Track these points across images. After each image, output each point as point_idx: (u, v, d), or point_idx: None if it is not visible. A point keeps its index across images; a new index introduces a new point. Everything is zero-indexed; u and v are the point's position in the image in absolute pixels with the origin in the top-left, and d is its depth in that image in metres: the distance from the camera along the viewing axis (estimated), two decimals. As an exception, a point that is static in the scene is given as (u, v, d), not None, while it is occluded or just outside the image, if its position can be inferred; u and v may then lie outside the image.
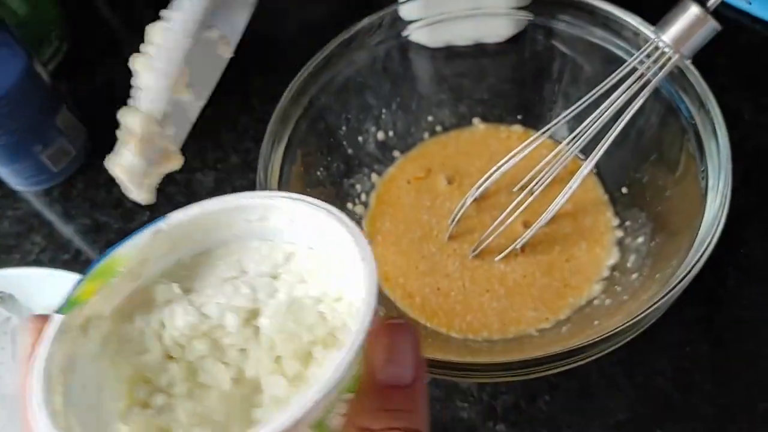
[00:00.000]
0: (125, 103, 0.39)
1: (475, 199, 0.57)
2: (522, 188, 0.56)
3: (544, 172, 0.55)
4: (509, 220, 0.53)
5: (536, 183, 0.55)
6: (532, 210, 0.54)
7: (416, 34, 0.59)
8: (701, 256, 0.41)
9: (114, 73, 0.75)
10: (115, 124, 0.39)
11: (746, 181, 0.53)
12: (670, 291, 0.40)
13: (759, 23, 0.68)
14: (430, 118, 0.62)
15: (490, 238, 0.54)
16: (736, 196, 0.44)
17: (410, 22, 0.58)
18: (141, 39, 0.39)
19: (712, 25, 0.45)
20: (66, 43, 0.77)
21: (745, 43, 0.67)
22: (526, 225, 0.55)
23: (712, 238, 0.42)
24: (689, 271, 0.41)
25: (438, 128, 0.62)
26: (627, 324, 0.40)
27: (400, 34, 0.58)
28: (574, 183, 0.51)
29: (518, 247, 0.54)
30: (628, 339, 0.41)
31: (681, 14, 0.45)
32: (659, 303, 0.40)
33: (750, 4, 0.66)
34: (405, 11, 0.57)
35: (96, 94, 0.75)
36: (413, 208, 0.58)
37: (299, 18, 0.78)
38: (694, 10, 0.45)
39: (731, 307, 0.53)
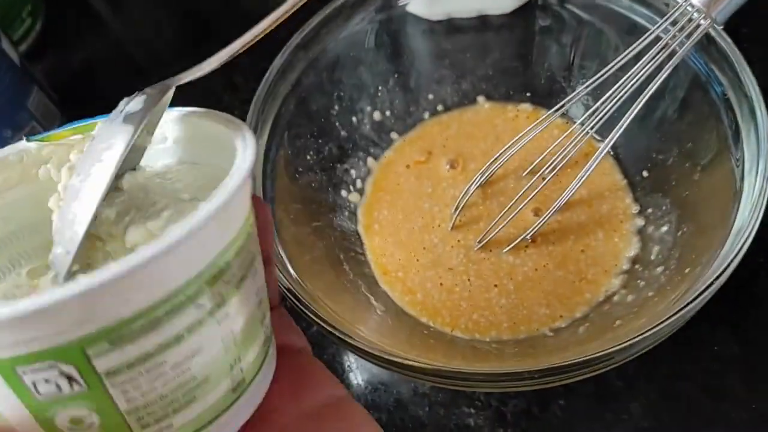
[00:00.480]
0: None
1: (481, 185, 0.52)
2: (532, 172, 0.52)
3: (556, 155, 0.50)
4: (519, 208, 0.48)
5: (548, 167, 0.51)
6: (543, 196, 0.49)
7: (414, 5, 0.54)
8: (740, 249, 0.36)
9: (92, 52, 0.72)
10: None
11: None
12: (705, 289, 0.36)
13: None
14: (430, 97, 0.57)
15: (498, 228, 0.49)
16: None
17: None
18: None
19: (749, -14, 0.40)
20: (40, 21, 0.72)
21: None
22: (537, 213, 0.51)
23: (751, 229, 0.37)
24: (726, 267, 0.36)
25: (439, 107, 0.57)
26: (655, 328, 0.35)
27: (396, 3, 0.54)
28: (591, 166, 0.46)
29: (528, 237, 0.49)
30: (656, 344, 0.37)
31: (712, -27, 0.41)
32: (692, 304, 0.35)
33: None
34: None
35: (72, 75, 0.70)
36: (413, 195, 0.53)
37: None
38: (728, -33, 0.40)
39: (763, 303, 0.48)
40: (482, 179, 0.51)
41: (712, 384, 0.46)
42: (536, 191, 0.48)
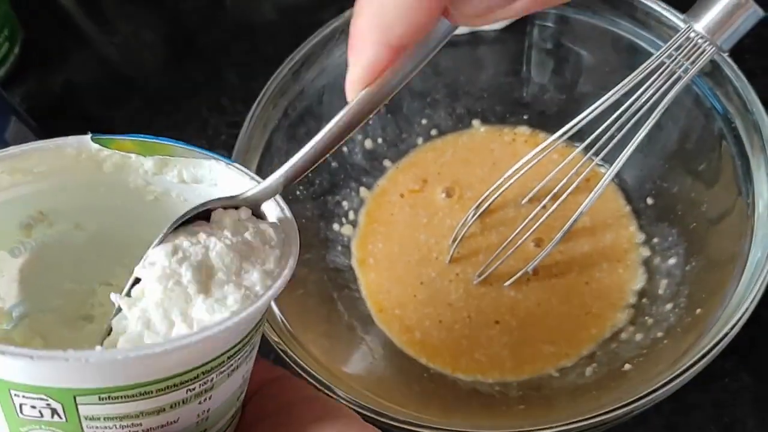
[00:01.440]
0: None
1: (479, 215, 0.50)
2: (532, 200, 0.50)
3: (558, 183, 0.48)
4: (520, 241, 0.46)
5: (550, 196, 0.48)
6: (545, 225, 0.47)
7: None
8: (757, 292, 0.35)
9: (74, 72, 0.69)
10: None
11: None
12: (722, 339, 0.34)
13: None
14: (423, 121, 0.55)
15: (499, 261, 0.47)
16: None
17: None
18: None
19: (755, 12, 0.38)
20: (18, 45, 0.69)
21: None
22: (539, 244, 0.49)
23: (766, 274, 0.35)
24: (744, 313, 0.34)
25: (433, 132, 0.55)
26: (670, 381, 0.33)
27: (387, 26, 0.52)
28: (595, 194, 0.45)
29: (530, 270, 0.47)
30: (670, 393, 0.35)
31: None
32: (708, 355, 0.33)
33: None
34: None
35: (53, 97, 0.68)
36: (408, 227, 0.51)
37: (276, 2, 0.71)
38: (733, -6, 0.38)
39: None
40: (481, 210, 0.49)
41: (722, 415, 0.45)
42: (539, 222, 0.46)
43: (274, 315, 0.41)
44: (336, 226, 0.52)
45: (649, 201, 0.49)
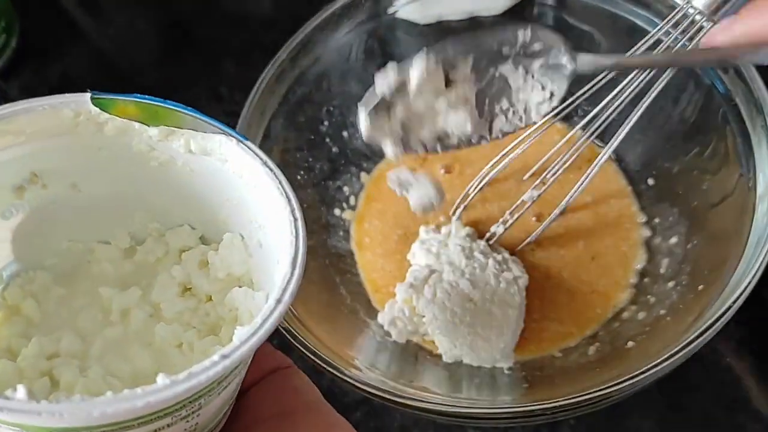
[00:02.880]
0: None
1: (480, 189, 0.50)
2: (534, 175, 0.50)
3: (557, 160, 0.48)
4: (519, 214, 0.46)
5: (548, 172, 0.48)
6: (546, 201, 0.47)
7: (405, 11, 0.53)
8: (759, 267, 0.35)
9: (71, 64, 0.69)
10: None
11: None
12: (724, 313, 0.34)
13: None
14: (424, 106, 0.55)
15: (499, 233, 0.47)
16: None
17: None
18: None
19: (755, -13, 0.38)
20: (15, 36, 0.69)
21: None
22: (539, 218, 0.49)
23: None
24: (746, 288, 0.34)
25: (434, 115, 0.55)
26: (672, 356, 0.34)
27: (385, 11, 0.52)
28: (591, 172, 0.45)
29: (532, 240, 0.47)
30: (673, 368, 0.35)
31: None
32: (711, 329, 0.34)
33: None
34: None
35: (51, 89, 0.67)
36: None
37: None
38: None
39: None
40: (483, 182, 0.49)
41: (725, 396, 0.45)
42: (537, 197, 0.46)
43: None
44: (337, 211, 0.52)
45: (650, 182, 0.49)
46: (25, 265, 0.32)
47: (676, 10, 0.41)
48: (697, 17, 0.40)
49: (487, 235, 0.48)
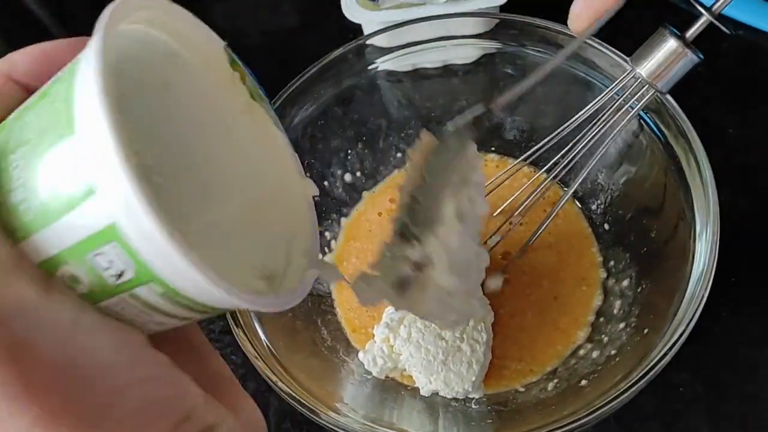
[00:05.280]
0: None
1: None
2: (502, 213, 0.54)
3: (523, 201, 0.52)
4: (489, 250, 0.50)
5: (516, 212, 0.52)
6: (513, 240, 0.51)
7: (383, 64, 0.56)
8: (693, 316, 0.39)
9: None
10: None
11: (734, 204, 0.50)
12: (662, 358, 0.38)
13: (742, 28, 0.64)
14: (399, 155, 0.59)
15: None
16: (723, 222, 0.42)
17: (377, 54, 0.55)
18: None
19: (691, 59, 0.42)
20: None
21: (726, 52, 0.63)
22: (505, 257, 0.52)
23: (704, 291, 0.39)
24: (682, 334, 0.38)
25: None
26: (617, 396, 0.37)
27: (367, 67, 0.55)
28: (554, 212, 0.49)
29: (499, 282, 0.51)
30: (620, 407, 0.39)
31: (657, 47, 0.42)
32: (650, 374, 0.37)
33: (730, 33, 0.62)
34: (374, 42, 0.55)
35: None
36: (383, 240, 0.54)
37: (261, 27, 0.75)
38: (670, 43, 0.41)
39: (726, 342, 0.50)
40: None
41: (677, 425, 0.48)
42: (501, 238, 0.50)
43: (260, 339, 0.44)
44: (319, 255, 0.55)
45: (606, 226, 0.53)
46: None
47: (624, 75, 0.45)
48: (642, 82, 0.44)
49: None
